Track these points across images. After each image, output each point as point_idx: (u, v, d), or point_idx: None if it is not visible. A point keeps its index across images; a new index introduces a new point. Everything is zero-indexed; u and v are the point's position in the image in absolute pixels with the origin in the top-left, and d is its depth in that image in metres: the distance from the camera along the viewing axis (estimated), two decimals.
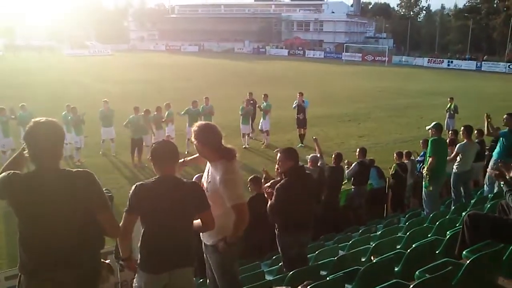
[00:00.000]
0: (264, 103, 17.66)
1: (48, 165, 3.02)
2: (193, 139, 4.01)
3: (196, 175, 6.39)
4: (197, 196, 3.58)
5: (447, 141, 9.76)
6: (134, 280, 3.60)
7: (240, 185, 3.96)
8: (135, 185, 3.46)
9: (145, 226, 3.48)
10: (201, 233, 4.01)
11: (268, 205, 5.48)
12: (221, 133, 4.04)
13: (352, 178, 10.07)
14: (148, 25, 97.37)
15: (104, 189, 3.23)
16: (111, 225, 3.20)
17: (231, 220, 3.84)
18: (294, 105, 17.64)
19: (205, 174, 4.15)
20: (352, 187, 10.19)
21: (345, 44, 73.45)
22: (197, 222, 3.71)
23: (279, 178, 8.12)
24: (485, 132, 9.70)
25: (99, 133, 15.35)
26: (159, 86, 30.96)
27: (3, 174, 3.01)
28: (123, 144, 15.16)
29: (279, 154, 5.48)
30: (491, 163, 8.95)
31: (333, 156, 9.73)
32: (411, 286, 3.48)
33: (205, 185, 4.01)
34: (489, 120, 9.33)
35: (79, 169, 3.19)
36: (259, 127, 17.67)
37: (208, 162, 4.10)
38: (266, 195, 5.98)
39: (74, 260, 3.02)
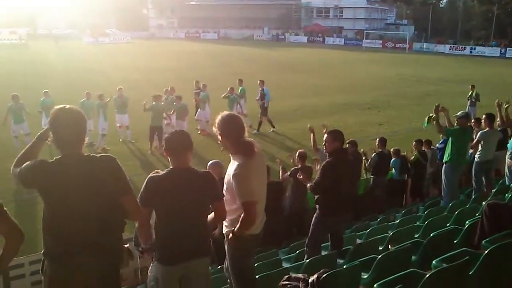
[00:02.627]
0: (240, 88, 17.68)
1: (73, 151, 3.10)
2: (214, 129, 3.92)
3: (211, 161, 6.45)
4: (211, 186, 3.55)
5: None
6: (149, 270, 3.62)
7: (254, 182, 3.78)
8: (147, 178, 3.46)
9: (159, 218, 3.48)
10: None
11: (313, 183, 5.75)
12: (244, 126, 3.88)
13: (372, 169, 10.02)
14: (167, 13, 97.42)
15: None
16: (134, 207, 3.26)
17: None
18: (257, 97, 17.45)
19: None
20: (372, 177, 10.13)
21: (365, 31, 72.69)
22: (210, 216, 3.72)
23: (299, 166, 8.20)
24: (499, 122, 9.35)
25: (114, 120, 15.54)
26: (177, 74, 31.06)
27: (30, 162, 3.07)
28: (141, 131, 15.29)
29: (325, 135, 5.75)
30: (508, 154, 8.71)
31: (347, 143, 9.42)
32: (428, 275, 3.47)
33: (225, 177, 3.94)
34: (506, 106, 8.99)
35: (103, 154, 3.27)
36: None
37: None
38: (301, 178, 6.14)
39: (98, 244, 3.09)
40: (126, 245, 3.49)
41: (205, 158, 11.13)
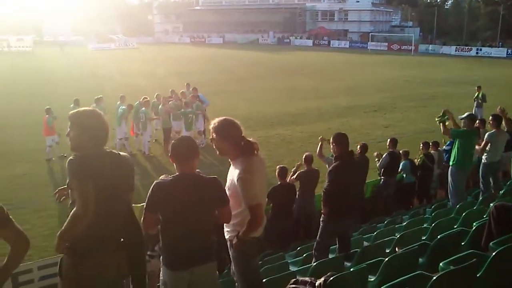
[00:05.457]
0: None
1: (103, 149, 3.23)
2: (212, 134, 3.85)
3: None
4: (217, 192, 3.54)
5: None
6: (161, 274, 3.63)
7: (257, 185, 3.74)
8: (153, 184, 3.47)
9: (165, 224, 3.49)
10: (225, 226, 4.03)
11: (323, 191, 5.81)
12: (241, 127, 3.83)
13: (382, 169, 10.00)
14: (172, 18, 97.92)
15: None
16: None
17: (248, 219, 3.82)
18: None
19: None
20: (382, 178, 10.10)
21: (370, 34, 72.63)
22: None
23: (306, 169, 8.23)
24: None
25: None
26: (184, 79, 31.11)
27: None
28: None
29: (332, 139, 5.82)
30: None
31: (358, 147, 9.46)
32: (435, 277, 3.46)
33: (227, 182, 3.90)
34: None
35: (121, 152, 3.41)
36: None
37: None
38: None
39: (121, 239, 3.25)
40: None
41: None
